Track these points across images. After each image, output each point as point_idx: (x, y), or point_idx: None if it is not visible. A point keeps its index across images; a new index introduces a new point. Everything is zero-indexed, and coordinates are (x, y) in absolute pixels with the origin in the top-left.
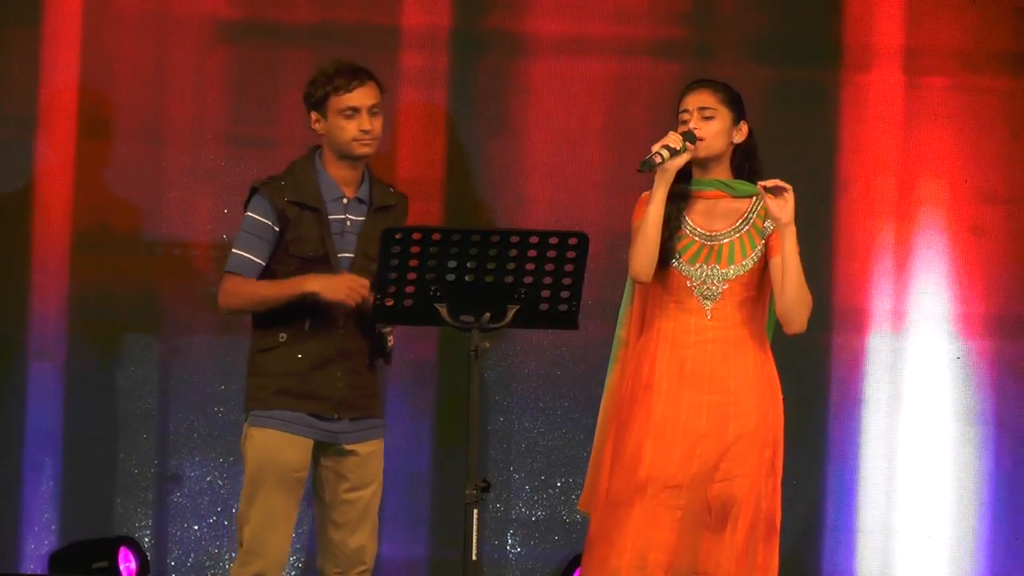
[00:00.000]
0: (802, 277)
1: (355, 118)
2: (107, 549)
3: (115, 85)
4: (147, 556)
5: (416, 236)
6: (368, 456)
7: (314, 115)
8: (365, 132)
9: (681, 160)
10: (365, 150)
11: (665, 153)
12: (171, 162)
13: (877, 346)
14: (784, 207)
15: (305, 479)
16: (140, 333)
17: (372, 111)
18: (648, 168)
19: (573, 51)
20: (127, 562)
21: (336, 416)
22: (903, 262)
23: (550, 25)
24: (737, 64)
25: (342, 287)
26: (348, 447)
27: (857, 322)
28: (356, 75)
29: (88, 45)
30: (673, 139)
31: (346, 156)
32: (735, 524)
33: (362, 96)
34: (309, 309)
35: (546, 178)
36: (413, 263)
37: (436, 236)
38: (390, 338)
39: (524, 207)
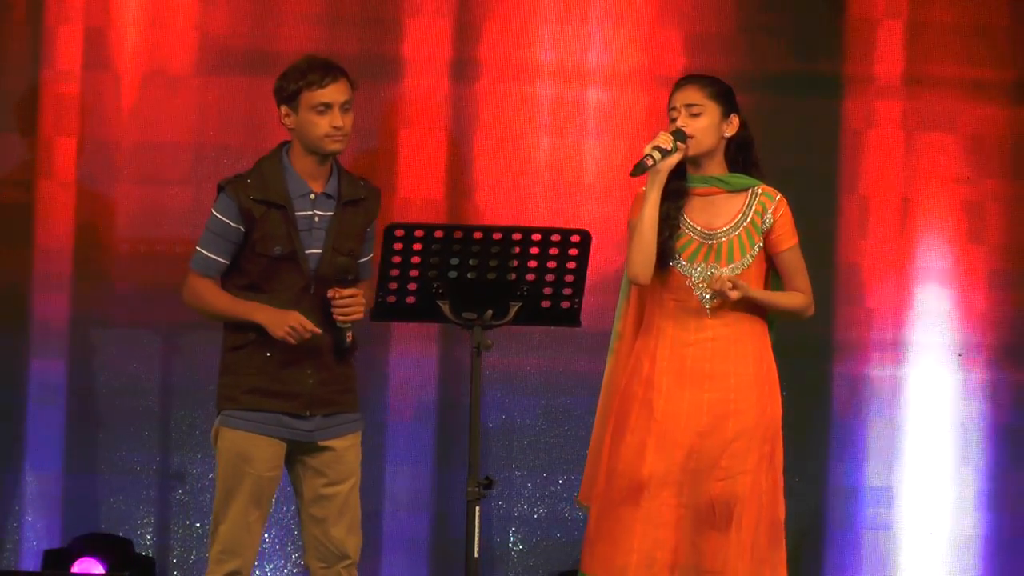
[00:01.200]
0: (787, 308)
1: (327, 114)
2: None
3: (115, 83)
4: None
5: (418, 233)
6: (344, 451)
7: (284, 109)
8: (337, 128)
9: (673, 160)
10: (336, 146)
11: (656, 155)
12: (173, 160)
13: (879, 356)
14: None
15: (278, 478)
16: (142, 330)
17: (344, 107)
18: (641, 172)
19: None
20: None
21: (308, 413)
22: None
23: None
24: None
25: (284, 327)
26: (322, 443)
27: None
28: (329, 71)
29: (89, 44)
30: (663, 139)
31: (316, 152)
32: (739, 522)
33: (335, 92)
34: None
35: (548, 179)
36: (415, 260)
37: (438, 233)
38: (349, 335)
39: (526, 208)
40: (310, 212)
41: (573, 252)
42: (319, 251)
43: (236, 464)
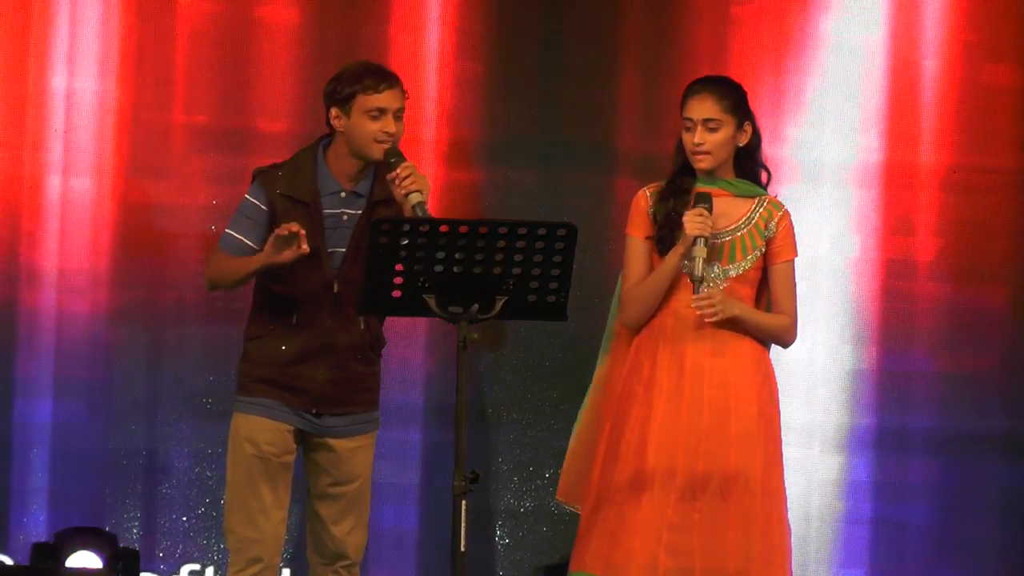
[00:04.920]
0: (770, 329)
1: (380, 119)
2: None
3: (102, 77)
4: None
5: (404, 227)
6: (352, 452)
7: (335, 111)
8: (389, 135)
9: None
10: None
11: (703, 251)
12: (159, 153)
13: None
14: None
15: (291, 464)
16: (129, 324)
17: (397, 114)
18: (707, 279)
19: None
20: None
21: (314, 411)
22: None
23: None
24: None
25: (270, 246)
26: (331, 441)
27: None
28: (385, 77)
29: (80, 39)
30: (699, 224)
31: (362, 157)
32: (746, 520)
33: (389, 98)
34: (297, 304)
35: (535, 168)
36: (401, 254)
37: (424, 227)
38: (421, 201)
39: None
40: (339, 210)
41: (559, 246)
42: (343, 250)
43: (244, 447)
